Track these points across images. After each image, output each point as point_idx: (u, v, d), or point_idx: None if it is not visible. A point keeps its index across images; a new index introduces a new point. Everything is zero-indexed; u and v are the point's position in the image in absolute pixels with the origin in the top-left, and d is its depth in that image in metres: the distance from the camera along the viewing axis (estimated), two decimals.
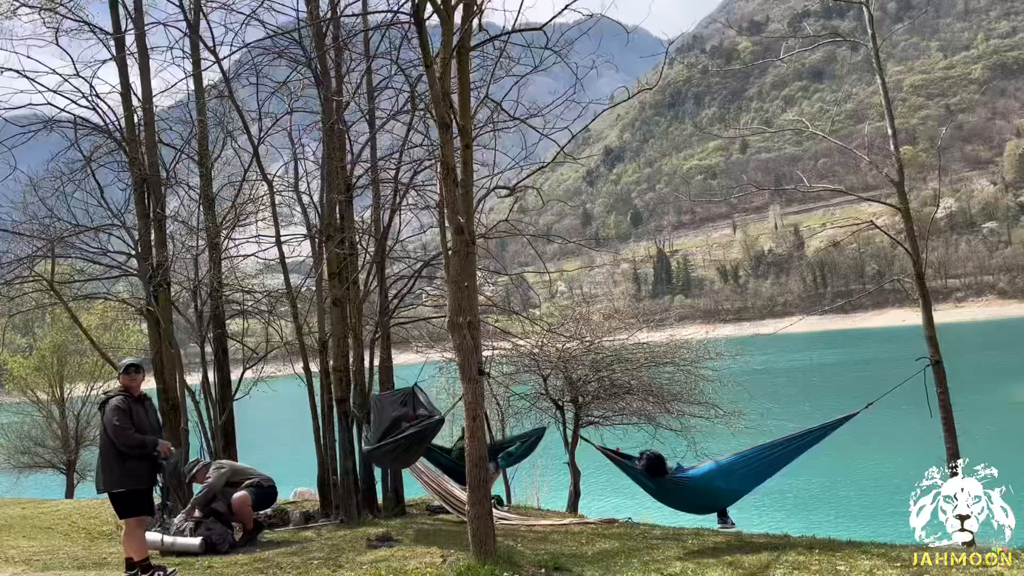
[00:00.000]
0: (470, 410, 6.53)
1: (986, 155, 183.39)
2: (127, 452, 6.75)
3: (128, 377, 7.04)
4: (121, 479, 6.75)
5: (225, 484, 8.80)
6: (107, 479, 6.77)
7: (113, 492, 6.79)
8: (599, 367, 13.56)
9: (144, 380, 7.24)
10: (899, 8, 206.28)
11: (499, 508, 11.03)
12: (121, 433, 6.72)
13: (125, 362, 7.23)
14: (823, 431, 7.70)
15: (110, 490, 6.79)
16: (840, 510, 23.03)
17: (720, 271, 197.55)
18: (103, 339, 21.55)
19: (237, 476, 8.95)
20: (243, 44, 10.11)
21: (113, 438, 6.73)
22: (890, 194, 10.54)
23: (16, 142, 11.34)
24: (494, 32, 8.44)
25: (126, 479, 6.77)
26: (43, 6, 11.65)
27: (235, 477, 8.92)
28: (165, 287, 11.36)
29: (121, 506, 6.83)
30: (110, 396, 6.98)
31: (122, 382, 7.07)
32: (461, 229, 6.55)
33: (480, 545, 6.42)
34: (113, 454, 6.75)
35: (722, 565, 6.33)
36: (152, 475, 7.01)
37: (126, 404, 6.86)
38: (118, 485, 6.76)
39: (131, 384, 7.03)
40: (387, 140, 12.37)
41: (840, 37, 12.01)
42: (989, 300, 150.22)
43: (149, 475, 6.96)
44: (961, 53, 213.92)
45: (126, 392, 6.98)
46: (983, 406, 33.51)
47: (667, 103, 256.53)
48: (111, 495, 6.83)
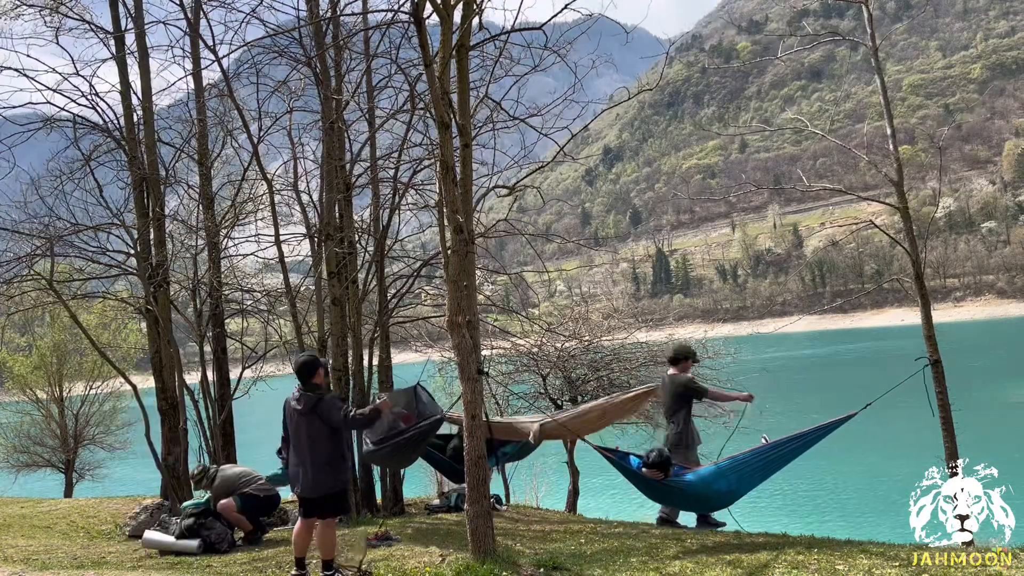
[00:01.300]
0: (469, 409, 6.53)
1: (985, 155, 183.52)
2: (348, 441, 6.73)
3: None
4: (339, 478, 6.64)
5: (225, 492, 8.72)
6: (329, 480, 6.56)
7: (332, 492, 6.62)
8: (598, 367, 13.56)
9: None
10: (898, 8, 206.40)
11: (498, 508, 11.02)
12: (353, 421, 6.71)
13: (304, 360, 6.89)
14: (822, 432, 7.70)
15: (332, 491, 6.59)
16: (839, 510, 23.05)
17: (719, 270, 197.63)
18: (102, 338, 21.55)
19: (231, 486, 8.80)
20: (243, 43, 10.10)
21: (345, 427, 6.67)
22: (889, 193, 10.53)
23: (16, 141, 11.34)
24: (494, 31, 8.43)
25: (343, 477, 6.70)
26: (46, 5, 11.65)
27: (230, 488, 8.80)
28: (164, 286, 11.36)
29: (334, 506, 6.66)
30: (321, 396, 6.72)
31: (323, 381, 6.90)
32: (460, 228, 6.55)
33: (479, 544, 6.42)
34: (337, 454, 6.60)
35: (721, 564, 6.33)
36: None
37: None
38: (336, 485, 6.62)
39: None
40: (387, 139, 12.38)
41: (840, 36, 12.01)
42: (988, 300, 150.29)
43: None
44: (960, 53, 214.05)
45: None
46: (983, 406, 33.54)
47: (666, 102, 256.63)
48: (327, 497, 6.58)
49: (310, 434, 6.53)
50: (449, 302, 6.62)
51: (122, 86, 11.62)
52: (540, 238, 14.35)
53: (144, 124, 11.56)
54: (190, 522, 8.35)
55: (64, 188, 11.77)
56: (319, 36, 10.68)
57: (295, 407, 6.60)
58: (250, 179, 12.43)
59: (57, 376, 24.89)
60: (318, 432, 6.53)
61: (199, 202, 12.18)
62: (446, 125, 6.54)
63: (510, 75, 9.63)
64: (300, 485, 6.57)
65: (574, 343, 13.34)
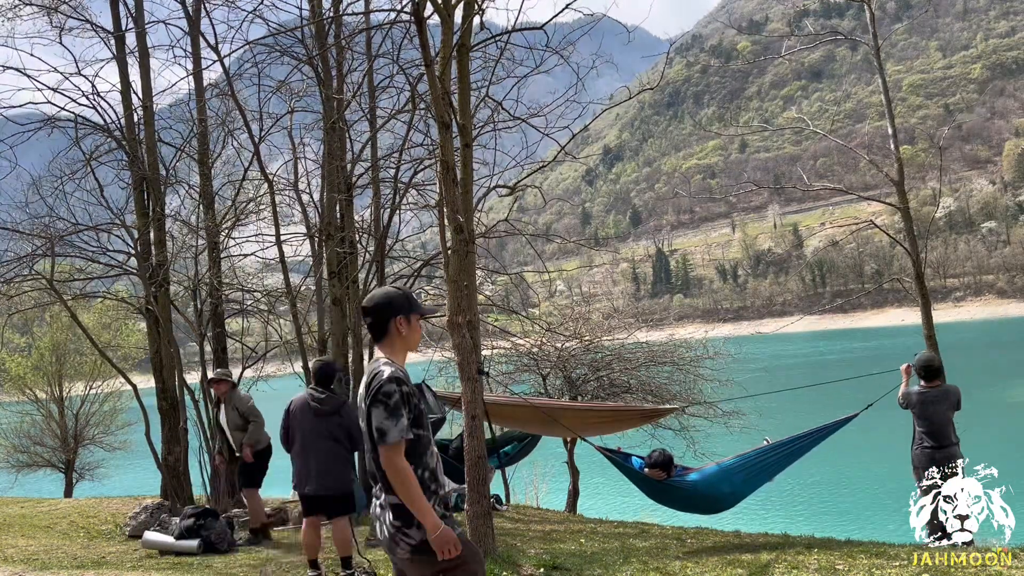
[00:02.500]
0: (469, 409, 6.53)
1: (985, 155, 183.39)
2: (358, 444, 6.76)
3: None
4: (347, 478, 6.71)
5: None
6: (345, 478, 6.66)
7: (346, 491, 6.69)
8: (598, 366, 13.56)
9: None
10: (898, 8, 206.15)
11: (498, 508, 11.03)
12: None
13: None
14: (825, 432, 7.71)
15: (341, 491, 6.65)
16: (839, 510, 23.03)
17: (719, 270, 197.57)
18: (102, 338, 21.53)
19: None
20: (245, 42, 10.11)
21: (359, 439, 6.66)
22: (889, 193, 10.55)
23: (17, 140, 11.34)
24: (496, 32, 8.44)
25: (350, 477, 6.77)
26: (49, 5, 11.65)
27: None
28: (165, 286, 11.36)
29: (348, 502, 6.74)
30: (345, 399, 6.85)
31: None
32: (460, 228, 6.55)
33: (479, 544, 6.42)
34: (348, 456, 6.69)
35: (721, 564, 6.33)
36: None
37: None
38: (345, 485, 6.67)
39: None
40: (388, 139, 12.39)
41: (840, 35, 12.02)
42: (988, 300, 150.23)
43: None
44: (960, 53, 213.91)
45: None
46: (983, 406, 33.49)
47: (666, 102, 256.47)
48: (342, 495, 6.66)
49: (327, 435, 6.57)
50: (449, 302, 6.62)
51: (123, 86, 11.62)
52: (540, 238, 14.36)
53: (145, 124, 11.55)
54: (190, 522, 8.36)
55: (65, 188, 11.76)
56: (321, 35, 10.68)
57: (313, 407, 6.63)
58: (251, 179, 12.43)
59: (57, 376, 24.87)
60: (337, 433, 6.59)
61: (200, 202, 12.18)
62: (446, 125, 6.54)
63: (512, 76, 9.64)
64: (308, 484, 6.58)
65: (574, 343, 13.34)
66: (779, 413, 21.64)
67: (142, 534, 8.72)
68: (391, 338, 3.43)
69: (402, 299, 3.47)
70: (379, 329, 3.43)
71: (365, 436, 3.33)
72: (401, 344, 3.45)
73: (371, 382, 3.25)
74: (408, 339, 3.46)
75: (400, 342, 3.45)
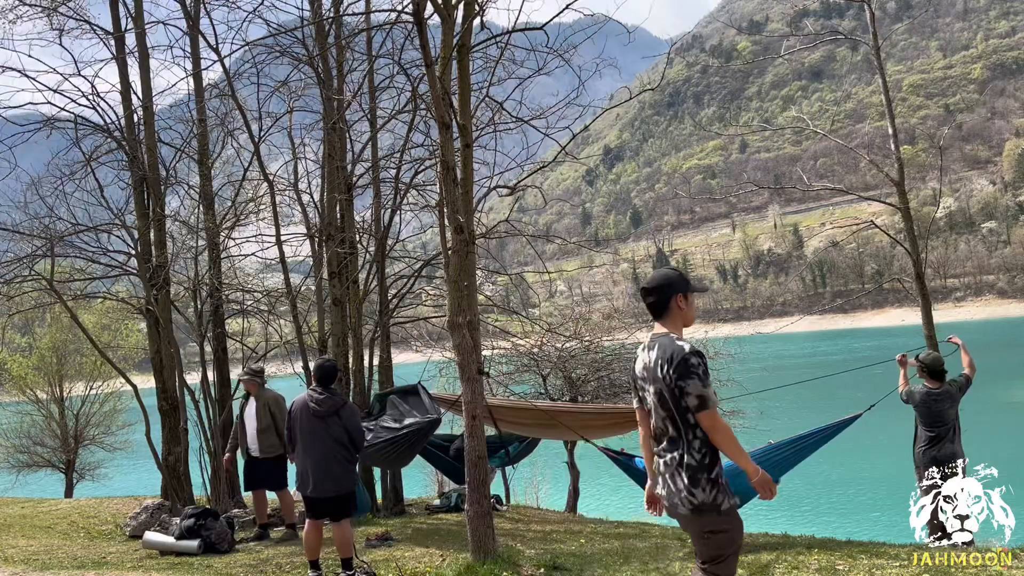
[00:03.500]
0: (469, 409, 6.53)
1: (985, 155, 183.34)
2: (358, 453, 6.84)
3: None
4: (348, 480, 6.68)
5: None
6: (344, 480, 6.62)
7: (344, 493, 6.66)
8: (598, 366, 13.57)
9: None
10: (899, 8, 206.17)
11: (499, 508, 11.03)
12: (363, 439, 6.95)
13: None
14: (828, 433, 7.70)
15: (349, 490, 6.66)
16: (840, 510, 23.04)
17: (719, 270, 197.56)
18: (103, 338, 21.54)
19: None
20: (245, 42, 10.10)
21: (359, 442, 6.76)
22: (890, 193, 10.55)
23: (16, 141, 11.33)
24: (497, 32, 8.44)
25: (351, 479, 6.75)
26: (48, 6, 11.65)
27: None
28: (165, 286, 11.36)
29: (347, 505, 6.72)
30: (344, 400, 6.83)
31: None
32: (461, 228, 6.55)
33: (479, 544, 6.42)
34: (349, 457, 6.66)
35: None
36: None
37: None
38: (346, 487, 6.65)
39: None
40: (388, 140, 12.38)
41: (841, 35, 12.01)
42: (988, 300, 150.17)
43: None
44: (960, 53, 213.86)
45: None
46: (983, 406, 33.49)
47: (666, 102, 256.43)
48: (340, 496, 6.62)
49: (327, 436, 6.55)
50: (450, 302, 6.62)
51: (122, 86, 11.61)
52: (541, 238, 14.37)
53: (145, 124, 11.55)
54: (190, 522, 8.35)
55: (65, 188, 11.75)
56: (321, 35, 10.68)
57: (314, 408, 6.60)
58: (251, 179, 12.42)
59: (57, 376, 24.88)
60: (336, 434, 6.55)
61: (199, 202, 12.18)
62: (447, 125, 6.54)
63: (513, 77, 9.64)
64: (310, 486, 6.57)
65: (575, 343, 13.36)
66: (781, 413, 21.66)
67: (142, 534, 8.72)
68: (672, 314, 3.73)
69: (679, 279, 3.76)
70: (661, 307, 3.72)
71: (669, 400, 3.58)
72: (681, 319, 3.76)
73: (672, 356, 3.55)
74: (686, 314, 3.77)
75: (680, 317, 3.76)
